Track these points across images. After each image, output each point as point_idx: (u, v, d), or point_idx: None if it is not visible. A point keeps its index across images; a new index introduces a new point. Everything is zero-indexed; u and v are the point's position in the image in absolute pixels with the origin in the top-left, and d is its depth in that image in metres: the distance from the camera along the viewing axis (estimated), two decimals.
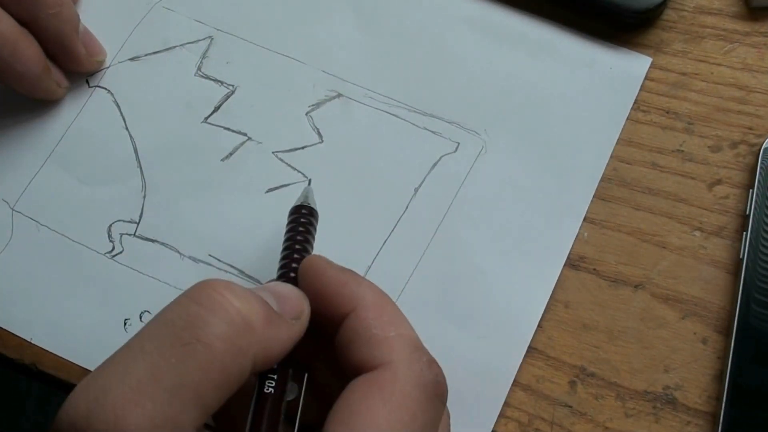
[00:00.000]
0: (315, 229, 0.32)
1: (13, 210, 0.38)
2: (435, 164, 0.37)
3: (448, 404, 0.31)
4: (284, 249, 0.31)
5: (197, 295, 0.24)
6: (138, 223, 0.37)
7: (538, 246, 0.36)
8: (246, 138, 0.39)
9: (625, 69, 0.38)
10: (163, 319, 0.24)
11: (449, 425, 0.29)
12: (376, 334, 0.26)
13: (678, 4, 0.39)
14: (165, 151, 0.39)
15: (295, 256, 0.30)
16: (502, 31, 0.39)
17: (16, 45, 0.36)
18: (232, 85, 0.40)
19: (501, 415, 0.33)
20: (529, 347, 0.34)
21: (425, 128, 0.38)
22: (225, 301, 0.24)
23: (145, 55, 0.41)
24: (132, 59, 0.41)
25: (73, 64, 0.39)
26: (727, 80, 0.38)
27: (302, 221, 0.31)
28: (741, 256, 0.34)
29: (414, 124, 0.38)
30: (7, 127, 0.40)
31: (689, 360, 0.34)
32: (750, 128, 0.37)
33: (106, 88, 0.40)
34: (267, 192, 0.38)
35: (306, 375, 0.28)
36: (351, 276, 0.28)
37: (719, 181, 0.36)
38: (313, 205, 0.32)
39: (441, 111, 0.38)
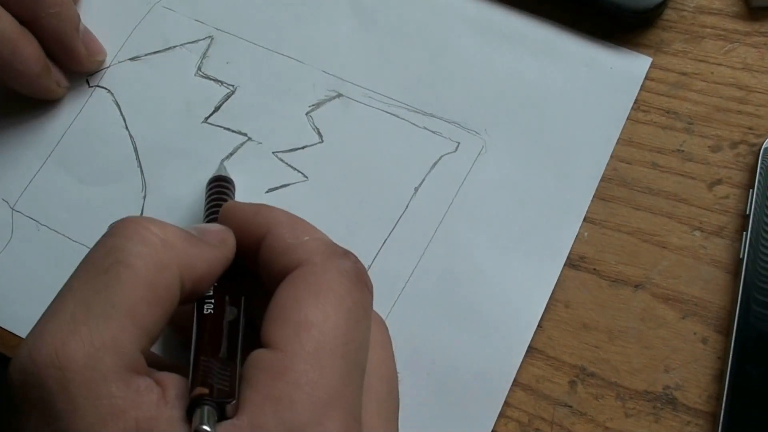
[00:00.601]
0: (232, 192, 0.34)
1: (13, 210, 0.38)
2: (435, 164, 0.37)
3: (448, 404, 0.31)
4: (206, 210, 0.33)
5: (114, 230, 0.26)
6: None
7: (538, 246, 0.36)
8: (246, 138, 0.39)
9: (625, 69, 0.38)
10: (86, 258, 0.25)
11: (388, 337, 0.29)
12: (291, 243, 0.27)
13: (678, 4, 0.39)
14: (165, 151, 0.39)
15: (215, 207, 0.32)
16: (502, 30, 0.39)
17: (16, 44, 0.36)
18: (233, 85, 0.40)
19: (501, 415, 0.33)
20: (529, 347, 0.34)
21: (425, 128, 0.38)
22: (141, 228, 0.25)
23: (146, 54, 0.41)
24: (132, 59, 0.41)
25: (74, 63, 0.39)
26: (728, 80, 0.38)
27: (218, 188, 0.34)
28: (741, 256, 0.34)
29: (414, 124, 0.38)
30: (7, 127, 0.40)
31: (689, 360, 0.34)
32: (750, 128, 0.37)
33: (106, 88, 0.40)
34: (267, 192, 0.38)
35: (243, 298, 0.28)
36: (263, 205, 0.29)
37: (719, 181, 0.36)
38: (226, 175, 0.35)
39: (441, 111, 0.38)
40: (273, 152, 0.38)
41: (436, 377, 0.34)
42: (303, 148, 0.38)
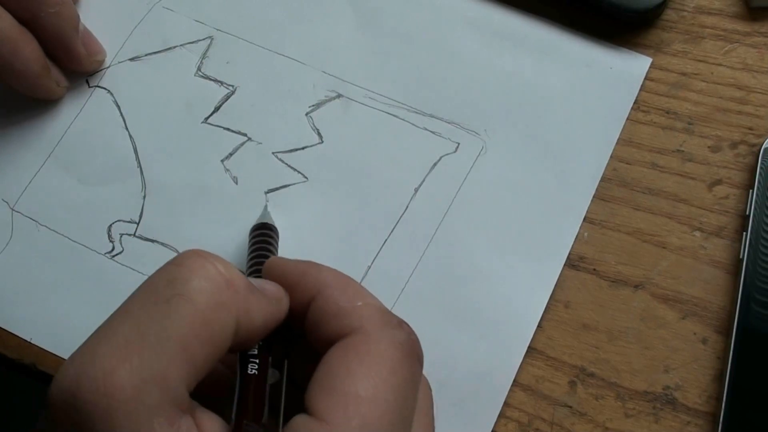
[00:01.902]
0: (275, 241, 0.34)
1: (12, 210, 0.38)
2: (435, 164, 0.37)
3: (448, 404, 0.31)
4: (249, 260, 0.32)
5: (179, 260, 0.25)
6: (138, 224, 0.37)
7: (538, 246, 0.36)
8: (246, 138, 0.39)
9: (625, 69, 0.38)
10: (147, 283, 0.25)
11: (431, 400, 0.28)
12: (343, 306, 0.26)
13: (678, 5, 0.39)
14: (165, 152, 0.39)
15: (259, 258, 0.32)
16: (502, 31, 0.39)
17: (16, 43, 0.36)
18: (232, 86, 0.40)
19: (501, 415, 0.33)
20: (529, 347, 0.34)
21: (425, 128, 0.38)
22: (207, 263, 0.25)
23: (145, 55, 0.41)
24: (132, 59, 0.41)
25: (73, 63, 0.39)
26: (727, 80, 0.38)
27: (262, 237, 0.33)
28: (741, 257, 0.34)
29: (414, 125, 0.38)
30: (6, 127, 0.40)
31: (689, 360, 0.34)
32: (750, 128, 0.37)
33: (105, 88, 0.40)
34: (267, 192, 0.38)
35: (286, 361, 0.28)
36: (311, 264, 0.28)
37: (719, 182, 0.36)
38: (271, 222, 0.34)
39: (441, 111, 0.38)
40: (273, 152, 0.38)
41: (436, 377, 0.33)
42: (303, 148, 0.38)
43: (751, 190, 0.35)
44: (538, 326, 0.34)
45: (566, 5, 0.39)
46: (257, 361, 0.26)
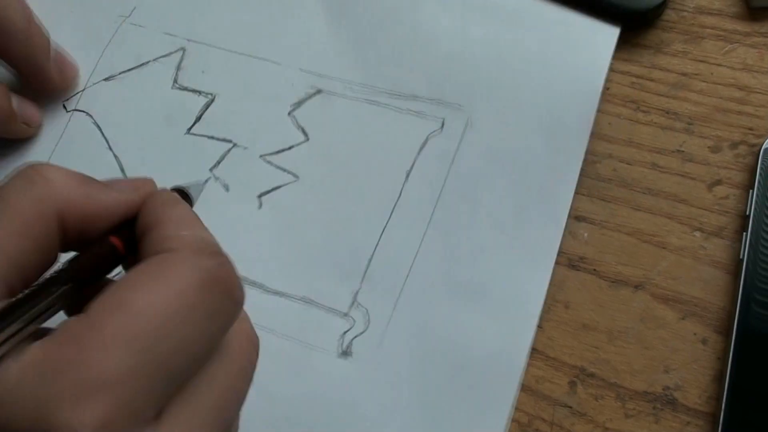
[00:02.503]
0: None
1: None
2: (423, 145, 0.37)
3: (466, 386, 0.32)
4: None
5: (11, 174, 0.26)
6: None
7: (538, 212, 0.36)
8: (232, 144, 0.39)
9: (600, 23, 0.38)
10: None
11: (251, 361, 0.26)
12: (169, 233, 0.25)
13: (678, 5, 0.39)
14: (152, 167, 0.39)
15: None
16: (473, 3, 0.40)
17: None
18: (211, 94, 0.40)
19: None
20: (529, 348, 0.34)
21: (408, 110, 0.38)
22: (30, 169, 0.25)
23: (120, 73, 0.41)
24: (107, 79, 0.41)
25: (47, 88, 0.39)
26: (727, 81, 0.38)
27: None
28: (741, 257, 0.34)
29: (397, 109, 0.38)
30: None
31: (689, 360, 0.34)
32: (750, 129, 0.37)
33: (84, 111, 0.40)
34: (260, 196, 0.38)
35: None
36: (174, 200, 0.28)
37: (719, 182, 0.36)
38: (189, 192, 0.32)
39: (421, 90, 0.38)
40: (260, 156, 0.38)
41: (452, 362, 0.34)
42: (290, 148, 0.38)
43: (751, 191, 0.35)
44: (538, 326, 0.34)
45: (567, 6, 0.39)
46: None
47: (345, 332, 0.35)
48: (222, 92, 0.40)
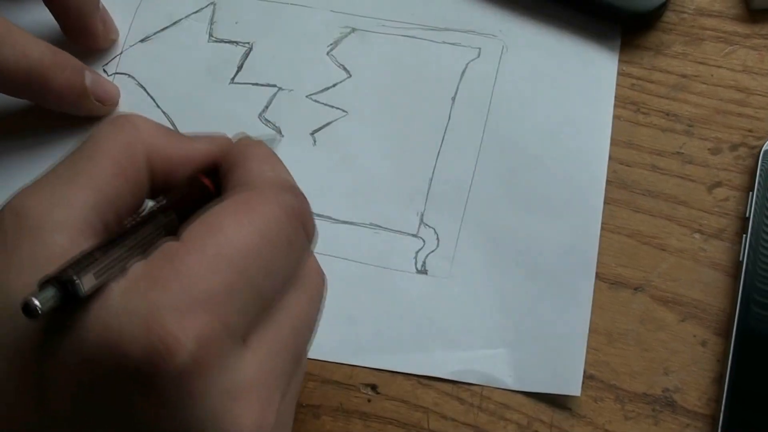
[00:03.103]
0: None
1: None
2: (463, 72, 0.39)
3: (545, 285, 0.34)
4: None
5: (100, 123, 0.28)
6: None
7: (582, 115, 0.37)
8: (277, 89, 0.40)
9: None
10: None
11: (319, 298, 0.28)
12: (254, 173, 0.27)
13: (678, 6, 0.39)
14: (203, 119, 0.39)
15: None
16: None
17: (46, 76, 0.36)
18: (248, 43, 0.41)
19: (500, 418, 0.33)
20: None
21: (444, 42, 0.40)
22: (119, 117, 0.27)
23: (154, 33, 0.41)
24: (142, 41, 0.41)
25: (91, 41, 0.40)
26: (728, 82, 0.38)
27: None
28: (741, 259, 0.34)
29: (432, 41, 0.40)
30: (41, 133, 0.40)
31: (689, 362, 0.34)
32: (750, 130, 0.37)
33: (126, 74, 0.41)
34: (312, 134, 0.39)
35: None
36: (255, 142, 0.30)
37: (719, 184, 0.36)
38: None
39: (454, 23, 0.40)
40: (306, 96, 0.39)
41: (525, 263, 0.35)
42: (334, 86, 0.39)
43: (751, 193, 0.35)
44: None
45: (568, 7, 0.39)
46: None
47: (417, 251, 0.36)
48: (258, 40, 0.41)
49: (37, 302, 0.21)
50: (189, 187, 0.28)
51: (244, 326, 0.24)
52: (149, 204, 0.27)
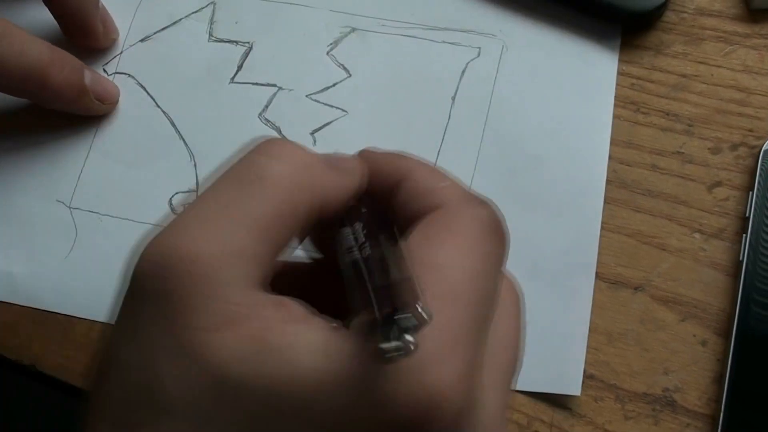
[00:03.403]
0: None
1: (70, 208, 0.38)
2: (463, 71, 0.39)
3: (545, 285, 0.34)
4: None
5: (259, 147, 0.25)
6: (197, 191, 0.38)
7: (582, 115, 0.37)
8: (277, 88, 0.40)
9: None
10: (230, 169, 0.25)
11: (520, 305, 0.27)
12: (428, 185, 0.26)
13: (678, 6, 0.39)
14: (203, 119, 0.39)
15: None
16: None
17: (45, 74, 0.36)
18: (248, 42, 0.41)
19: None
20: None
21: (444, 41, 0.40)
22: (285, 148, 0.25)
23: (154, 33, 0.41)
24: (142, 40, 0.41)
25: (91, 40, 0.39)
26: (728, 82, 0.38)
27: None
28: (741, 258, 0.34)
29: (432, 40, 0.40)
30: (41, 131, 0.40)
31: (689, 362, 0.34)
32: (750, 130, 0.37)
33: (126, 73, 0.41)
34: (312, 133, 0.39)
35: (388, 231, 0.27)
36: (399, 152, 0.29)
37: (719, 183, 0.36)
38: None
39: (454, 22, 0.40)
40: (306, 95, 0.39)
41: (527, 263, 0.35)
42: (334, 85, 0.39)
43: (751, 192, 0.35)
44: None
45: (568, 6, 0.39)
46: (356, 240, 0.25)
47: None
48: (258, 40, 0.41)
49: (397, 344, 0.20)
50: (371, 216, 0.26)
51: (482, 356, 0.23)
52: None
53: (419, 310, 0.20)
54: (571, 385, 0.33)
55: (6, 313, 0.37)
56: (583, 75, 0.38)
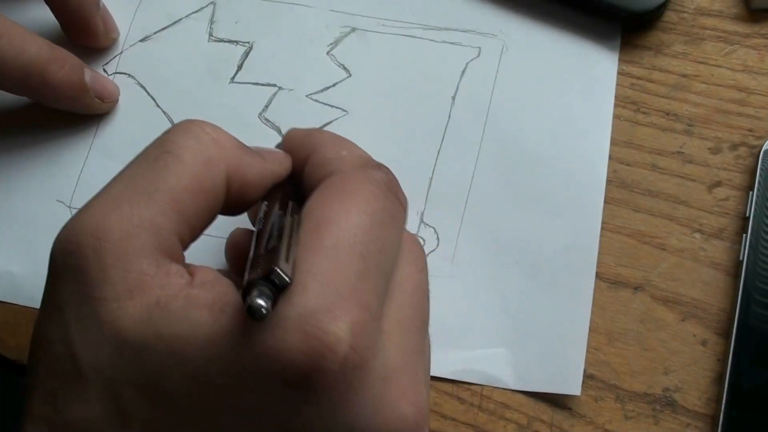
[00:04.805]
0: None
1: (70, 208, 0.38)
2: (463, 71, 0.39)
3: (545, 284, 0.34)
4: None
5: (171, 127, 0.26)
6: None
7: (582, 115, 0.37)
8: (277, 88, 0.40)
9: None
10: (142, 151, 0.26)
11: (423, 260, 0.28)
12: (329, 157, 0.28)
13: (678, 6, 0.39)
14: (202, 118, 0.39)
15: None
16: None
17: (44, 72, 0.36)
18: (248, 42, 0.41)
19: (500, 417, 0.33)
20: None
21: (444, 41, 0.40)
22: (195, 126, 0.26)
23: (154, 33, 0.41)
24: (142, 40, 0.41)
25: (91, 39, 0.39)
26: (728, 82, 0.38)
27: None
28: (741, 258, 0.34)
29: (432, 40, 0.40)
30: (41, 130, 0.40)
31: (689, 362, 0.34)
32: (750, 130, 0.37)
33: (126, 73, 0.41)
34: None
35: (291, 203, 0.28)
36: (315, 129, 0.30)
37: (719, 183, 0.36)
38: None
39: (454, 22, 0.40)
40: (306, 95, 0.39)
41: (525, 262, 0.35)
42: (334, 85, 0.39)
43: (751, 192, 0.35)
44: None
45: (568, 6, 0.39)
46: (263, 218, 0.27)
47: None
48: (258, 40, 0.41)
49: (262, 302, 0.21)
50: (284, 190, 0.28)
51: (379, 308, 0.24)
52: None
53: (278, 273, 0.21)
54: (571, 385, 0.33)
55: (6, 313, 0.37)
56: (583, 75, 0.38)
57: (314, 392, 0.22)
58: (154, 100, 0.40)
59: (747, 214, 0.35)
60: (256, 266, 0.23)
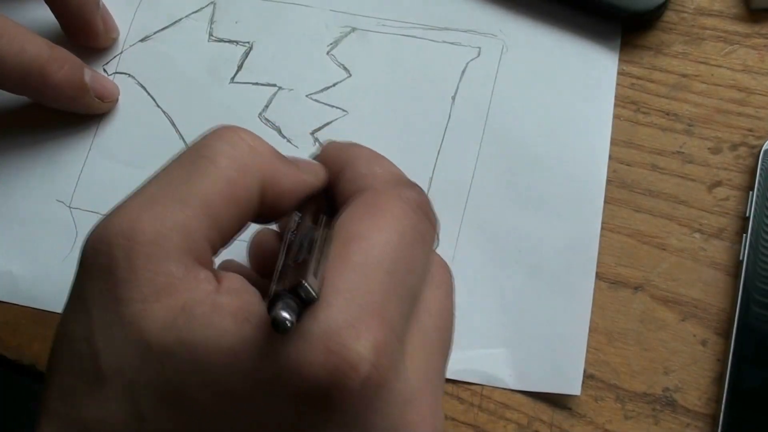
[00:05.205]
0: None
1: (70, 208, 0.38)
2: (463, 71, 0.39)
3: (545, 285, 0.34)
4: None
5: (209, 132, 0.26)
6: None
7: (582, 115, 0.37)
8: (277, 88, 0.40)
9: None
10: (180, 153, 0.26)
11: (450, 284, 0.28)
12: (362, 172, 0.27)
13: (678, 6, 0.39)
14: (202, 118, 0.39)
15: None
16: None
17: (44, 72, 0.36)
18: (248, 42, 0.41)
19: (500, 417, 0.33)
20: None
21: (444, 41, 0.40)
22: (233, 133, 0.26)
23: (154, 33, 0.41)
24: (142, 40, 0.41)
25: (91, 39, 0.39)
26: (728, 82, 0.38)
27: None
28: (741, 258, 0.34)
29: (432, 40, 0.40)
30: (41, 131, 0.40)
31: (689, 362, 0.34)
32: (750, 130, 0.37)
33: (126, 73, 0.41)
34: (312, 133, 0.39)
35: (324, 217, 0.28)
36: (352, 143, 0.30)
37: (719, 183, 0.36)
38: None
39: (454, 22, 0.40)
40: (306, 95, 0.39)
41: (525, 262, 0.35)
42: (334, 85, 0.39)
43: (751, 192, 0.35)
44: None
45: (568, 6, 0.39)
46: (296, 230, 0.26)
47: None
48: (258, 40, 0.41)
49: (287, 315, 0.20)
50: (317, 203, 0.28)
51: (403, 328, 0.24)
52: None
53: (306, 288, 0.21)
54: (571, 385, 0.33)
55: (6, 313, 0.37)
56: (583, 75, 0.38)
57: (333, 410, 0.21)
58: (154, 100, 0.40)
59: (747, 214, 0.35)
60: (284, 277, 0.22)
